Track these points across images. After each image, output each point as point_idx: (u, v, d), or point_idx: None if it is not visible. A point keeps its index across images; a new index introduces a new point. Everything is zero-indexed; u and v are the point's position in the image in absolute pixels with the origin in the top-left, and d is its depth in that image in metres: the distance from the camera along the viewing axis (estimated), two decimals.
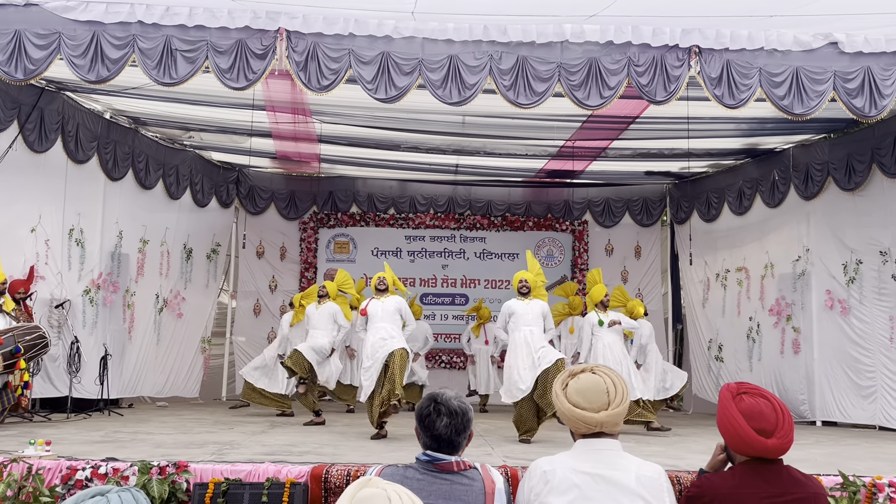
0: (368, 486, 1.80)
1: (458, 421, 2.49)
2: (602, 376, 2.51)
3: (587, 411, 2.45)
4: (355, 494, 1.76)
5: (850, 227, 9.03)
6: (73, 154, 8.54)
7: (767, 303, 10.35)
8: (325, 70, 6.35)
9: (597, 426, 2.45)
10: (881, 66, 6.46)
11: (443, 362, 11.94)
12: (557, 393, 2.53)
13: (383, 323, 7.23)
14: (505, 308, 7.41)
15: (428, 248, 12.40)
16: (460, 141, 9.93)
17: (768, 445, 2.45)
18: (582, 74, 6.44)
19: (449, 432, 2.47)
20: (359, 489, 1.78)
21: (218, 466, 4.48)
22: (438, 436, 2.47)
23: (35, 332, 7.22)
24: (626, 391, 2.51)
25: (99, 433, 6.57)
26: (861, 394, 8.80)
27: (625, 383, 2.53)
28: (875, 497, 4.43)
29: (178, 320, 10.75)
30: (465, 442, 2.53)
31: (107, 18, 6.26)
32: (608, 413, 2.44)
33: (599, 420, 2.44)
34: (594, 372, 2.53)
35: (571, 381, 2.52)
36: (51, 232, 8.36)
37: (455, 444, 2.49)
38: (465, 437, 2.53)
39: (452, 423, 2.47)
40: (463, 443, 2.53)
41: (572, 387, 2.50)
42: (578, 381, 2.50)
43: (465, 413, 2.52)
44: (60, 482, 4.39)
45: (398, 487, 1.80)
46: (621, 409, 2.46)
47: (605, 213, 12.42)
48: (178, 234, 10.72)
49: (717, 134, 9.27)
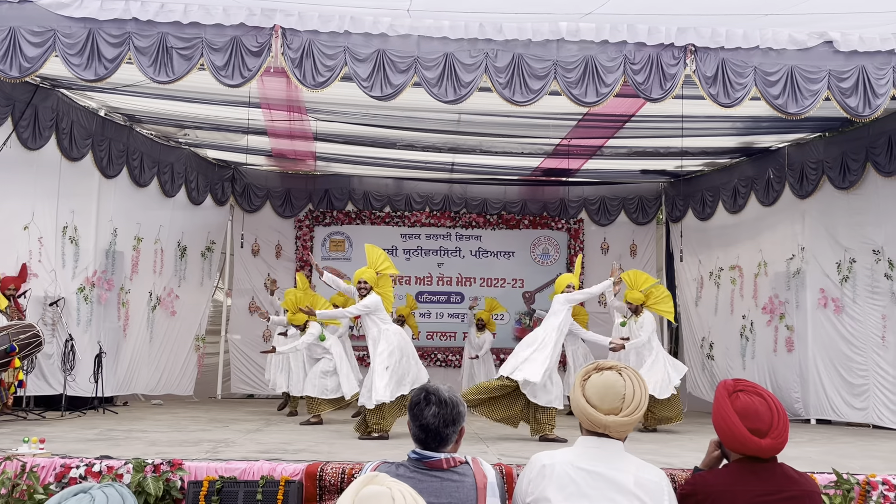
0: (374, 482, 1.76)
1: (448, 411, 2.43)
2: (626, 380, 2.44)
3: (597, 411, 2.41)
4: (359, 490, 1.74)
5: (844, 226, 9.06)
6: (67, 151, 8.50)
7: (761, 301, 10.37)
8: (321, 67, 6.34)
9: (602, 428, 2.42)
10: (875, 66, 6.48)
11: (438, 360, 11.94)
12: (576, 383, 2.48)
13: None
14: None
15: (424, 247, 12.40)
16: (456, 139, 9.92)
17: (762, 445, 2.45)
18: (578, 72, 6.44)
19: (437, 422, 2.41)
20: (363, 485, 1.75)
21: (212, 464, 4.48)
22: (426, 426, 2.41)
23: (29, 330, 7.20)
24: (644, 402, 2.43)
25: (93, 431, 6.56)
26: (853, 392, 8.83)
27: (646, 395, 2.46)
28: (869, 495, 4.45)
29: (172, 318, 10.72)
30: (454, 436, 2.47)
31: (101, 15, 6.23)
32: (617, 419, 2.40)
33: (605, 423, 2.40)
34: (619, 372, 2.46)
35: (595, 375, 2.47)
36: (44, 229, 8.33)
37: (443, 436, 2.43)
38: (455, 431, 2.46)
39: (441, 412, 2.41)
40: (452, 437, 2.46)
41: (592, 381, 2.45)
42: (601, 377, 2.45)
43: (455, 405, 2.46)
44: (55, 480, 4.38)
45: (403, 486, 1.77)
46: (632, 418, 2.41)
47: (601, 212, 12.43)
48: (173, 232, 10.69)
49: (713, 132, 9.29)
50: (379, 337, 6.94)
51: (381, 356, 6.84)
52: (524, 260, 12.39)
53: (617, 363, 2.55)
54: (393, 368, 6.82)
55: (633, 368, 2.53)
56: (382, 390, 6.69)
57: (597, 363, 2.55)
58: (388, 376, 6.76)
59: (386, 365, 6.79)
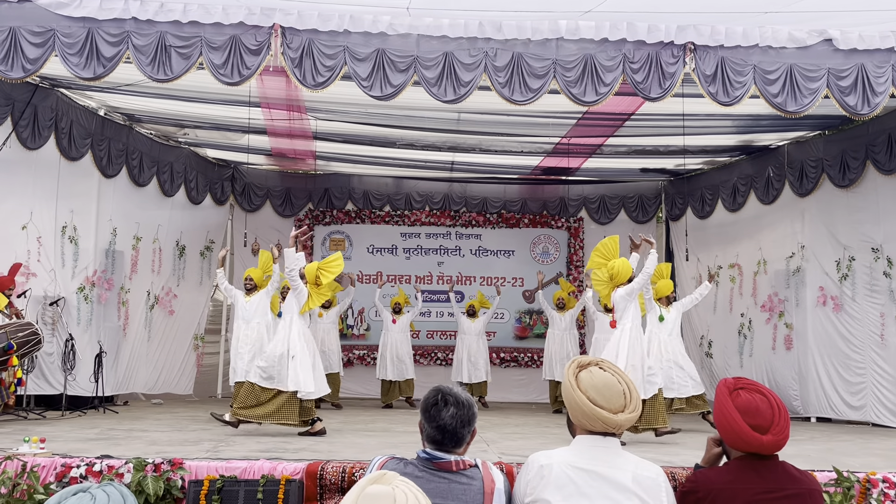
0: (380, 482, 1.75)
1: (465, 413, 2.44)
2: (615, 375, 2.45)
3: (606, 411, 2.39)
4: (365, 488, 1.73)
5: (844, 224, 9.06)
6: (67, 151, 8.50)
7: (760, 299, 10.38)
8: (320, 67, 6.34)
9: (614, 427, 2.41)
10: (875, 64, 6.47)
11: (439, 359, 11.94)
12: (571, 386, 2.44)
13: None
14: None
15: (424, 246, 12.40)
16: (456, 138, 9.92)
17: (763, 442, 2.45)
18: (577, 71, 6.44)
19: (454, 423, 2.41)
20: (369, 483, 1.74)
21: (213, 463, 4.48)
22: (444, 426, 2.42)
23: (28, 328, 7.20)
24: (638, 395, 2.47)
25: (94, 430, 6.56)
26: (851, 390, 8.83)
27: (634, 386, 2.48)
28: (869, 492, 4.46)
29: (170, 317, 10.71)
30: (468, 437, 2.48)
31: (101, 15, 6.24)
32: (626, 416, 2.41)
33: (619, 422, 2.40)
34: (604, 369, 2.47)
35: (584, 375, 2.45)
36: (43, 229, 8.33)
37: (459, 436, 2.43)
38: (470, 431, 2.47)
39: (459, 413, 2.42)
40: (467, 437, 2.47)
41: (587, 382, 2.43)
42: (593, 377, 2.44)
43: (471, 406, 2.47)
44: (55, 480, 4.38)
45: (409, 487, 1.75)
46: (637, 412, 2.43)
47: (601, 210, 12.43)
48: (171, 232, 10.69)
49: (712, 131, 9.29)
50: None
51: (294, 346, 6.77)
52: (524, 259, 12.39)
53: (594, 358, 2.55)
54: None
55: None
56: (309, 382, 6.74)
57: (577, 360, 2.53)
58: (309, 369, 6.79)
59: (293, 355, 6.73)
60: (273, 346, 6.85)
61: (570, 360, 2.55)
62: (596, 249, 7.31)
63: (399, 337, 10.50)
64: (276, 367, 6.70)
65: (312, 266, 7.30)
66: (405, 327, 10.62)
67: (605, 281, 7.02)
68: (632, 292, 6.75)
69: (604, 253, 7.16)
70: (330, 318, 10.30)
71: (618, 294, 6.80)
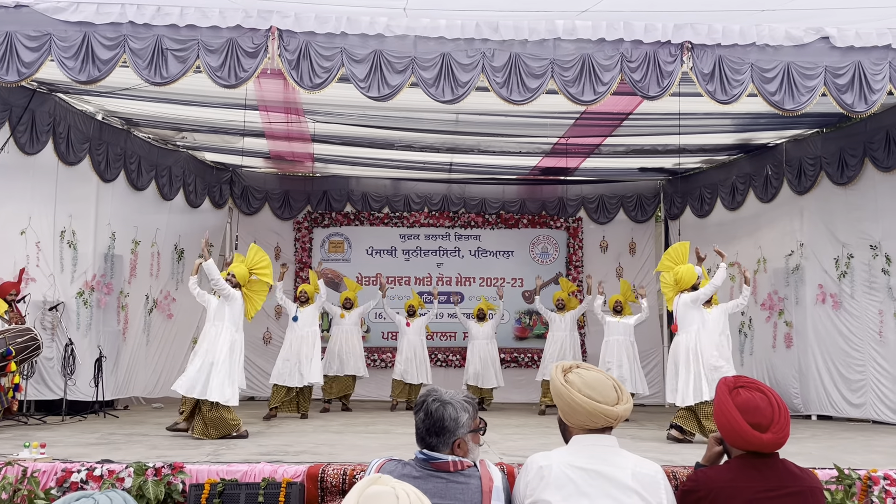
0: (378, 483, 1.77)
1: (432, 423, 2.43)
2: (599, 373, 2.51)
3: (606, 405, 2.43)
4: (363, 491, 1.74)
5: (842, 222, 9.06)
6: (65, 156, 8.49)
7: (760, 297, 10.37)
8: (318, 68, 6.33)
9: (615, 419, 2.44)
10: (872, 61, 6.47)
11: (439, 361, 11.93)
12: (565, 388, 2.46)
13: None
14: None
15: (423, 247, 12.40)
16: (454, 139, 9.92)
17: (763, 440, 2.45)
18: (575, 70, 6.44)
19: (423, 428, 2.45)
20: (367, 486, 1.76)
21: (214, 467, 4.47)
22: (417, 428, 2.48)
23: (26, 334, 7.19)
24: (625, 387, 2.51)
25: (94, 435, 6.55)
26: (851, 388, 8.83)
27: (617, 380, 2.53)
28: (870, 490, 4.45)
29: (168, 321, 10.70)
30: (444, 449, 2.43)
31: (97, 19, 6.23)
32: (623, 407, 2.45)
33: (619, 413, 2.44)
34: (587, 369, 2.52)
35: (572, 377, 2.48)
36: (41, 234, 8.31)
37: (429, 444, 2.43)
38: (444, 442, 2.42)
39: (427, 421, 2.44)
40: (441, 448, 2.43)
41: (578, 382, 2.46)
42: (582, 377, 2.47)
43: (442, 420, 2.42)
44: (56, 485, 4.37)
45: (407, 486, 1.77)
46: (630, 403, 2.48)
47: (600, 210, 12.43)
48: (169, 235, 10.68)
49: (710, 129, 9.29)
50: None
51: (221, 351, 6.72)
52: (523, 259, 12.38)
53: (572, 362, 2.60)
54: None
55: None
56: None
57: (559, 366, 2.55)
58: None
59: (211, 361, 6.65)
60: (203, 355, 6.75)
61: (553, 367, 2.58)
62: (666, 253, 7.52)
63: (415, 339, 10.48)
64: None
65: (244, 269, 7.22)
66: (420, 330, 10.59)
67: (671, 285, 7.19)
68: (696, 300, 6.95)
69: (673, 257, 7.35)
70: (352, 319, 10.16)
71: (681, 300, 7.01)
